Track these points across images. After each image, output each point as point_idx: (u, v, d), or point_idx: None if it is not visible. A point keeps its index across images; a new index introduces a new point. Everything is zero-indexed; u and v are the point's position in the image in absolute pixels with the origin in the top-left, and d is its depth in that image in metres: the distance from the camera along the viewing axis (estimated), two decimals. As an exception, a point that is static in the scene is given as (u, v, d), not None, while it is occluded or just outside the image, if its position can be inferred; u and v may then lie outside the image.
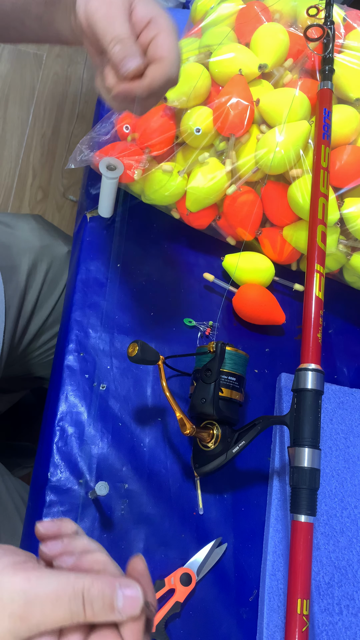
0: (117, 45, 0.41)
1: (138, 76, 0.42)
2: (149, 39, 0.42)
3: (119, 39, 0.41)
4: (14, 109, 1.68)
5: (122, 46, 0.41)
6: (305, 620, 0.41)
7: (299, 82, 0.61)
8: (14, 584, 0.28)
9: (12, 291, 0.67)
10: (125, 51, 0.41)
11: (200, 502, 0.52)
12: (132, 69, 0.41)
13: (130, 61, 0.41)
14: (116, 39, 0.41)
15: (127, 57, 0.41)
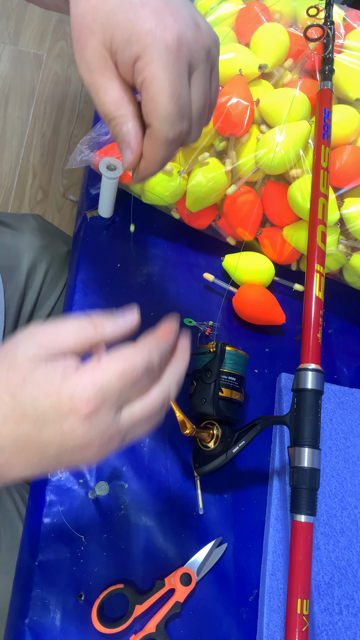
0: (109, 127, 0.36)
1: None
2: (140, 85, 0.35)
3: (109, 117, 0.36)
4: (14, 109, 1.68)
5: (111, 129, 0.36)
6: (305, 620, 0.41)
7: (299, 82, 0.61)
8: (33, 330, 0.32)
9: (11, 291, 0.67)
10: (116, 135, 0.36)
11: (200, 502, 0.52)
12: (129, 163, 0.36)
13: (123, 154, 0.36)
14: (105, 118, 0.36)
15: (120, 146, 0.36)
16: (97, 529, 0.49)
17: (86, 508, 0.50)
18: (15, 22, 1.83)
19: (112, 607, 0.47)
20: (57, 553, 0.47)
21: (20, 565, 0.48)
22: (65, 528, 0.48)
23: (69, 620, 0.45)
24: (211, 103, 0.39)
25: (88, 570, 0.47)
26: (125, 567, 0.48)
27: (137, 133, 0.35)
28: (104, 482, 0.49)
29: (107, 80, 0.35)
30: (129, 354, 0.32)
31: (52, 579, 0.46)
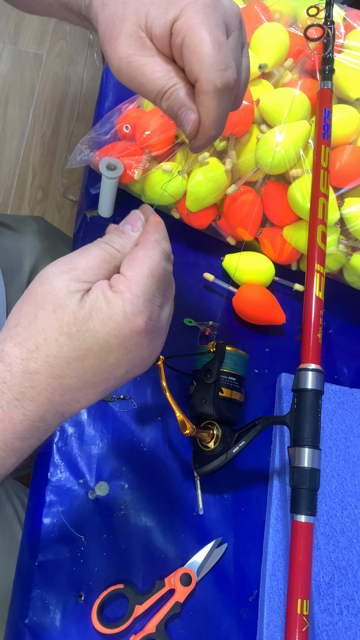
0: (163, 103, 0.36)
1: None
2: (180, 54, 0.35)
3: (163, 91, 0.35)
4: (14, 108, 1.68)
5: (167, 103, 0.36)
6: (305, 621, 0.41)
7: (299, 82, 0.61)
8: None
9: (14, 293, 0.67)
10: (174, 104, 0.35)
11: (200, 502, 0.52)
12: (191, 129, 0.36)
13: (185, 117, 0.35)
14: (158, 94, 0.36)
15: (179, 113, 0.36)
16: (97, 529, 0.49)
17: (86, 508, 0.49)
18: (15, 21, 1.83)
19: (112, 607, 0.47)
20: (57, 553, 0.47)
21: (20, 566, 0.48)
22: (65, 528, 0.48)
23: (69, 621, 0.45)
24: (244, 79, 0.38)
25: (88, 571, 0.47)
26: (125, 567, 0.48)
27: (193, 98, 0.35)
28: (104, 482, 0.49)
29: (149, 58, 0.35)
30: (145, 255, 0.33)
31: (52, 579, 0.46)
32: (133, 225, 0.35)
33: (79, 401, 0.33)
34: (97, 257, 0.33)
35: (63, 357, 0.30)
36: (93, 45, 1.86)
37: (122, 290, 0.31)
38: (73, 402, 0.32)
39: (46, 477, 0.50)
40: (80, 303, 0.31)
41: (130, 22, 0.35)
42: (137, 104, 0.64)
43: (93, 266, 0.32)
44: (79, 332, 0.30)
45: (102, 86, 0.78)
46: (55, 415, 0.32)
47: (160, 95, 0.36)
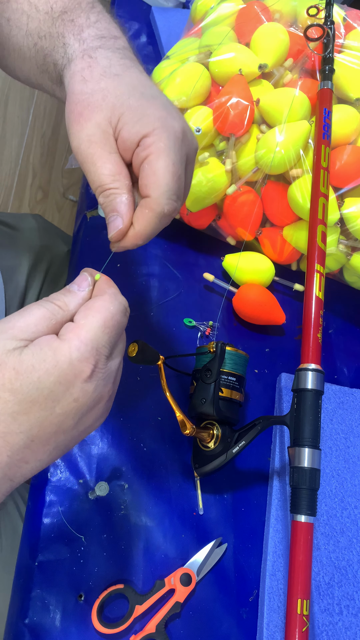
0: (101, 197, 0.37)
1: None
2: (139, 164, 0.37)
3: (104, 188, 0.37)
4: (14, 108, 1.68)
5: (104, 200, 0.37)
6: (305, 621, 0.41)
7: (299, 82, 0.61)
8: None
9: (12, 291, 0.67)
10: (109, 205, 0.37)
11: (200, 502, 0.52)
12: (114, 235, 0.38)
13: (113, 222, 0.37)
14: (99, 188, 0.37)
15: (110, 216, 0.37)
16: (97, 529, 0.49)
17: (86, 508, 0.49)
18: (15, 21, 1.83)
19: (112, 608, 0.47)
20: (57, 553, 0.47)
21: (20, 565, 0.48)
22: (65, 528, 0.48)
23: (69, 621, 0.45)
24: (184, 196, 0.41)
25: (88, 571, 0.47)
26: (125, 567, 0.48)
27: (130, 205, 0.37)
28: (104, 482, 0.49)
29: (106, 153, 0.37)
30: (102, 305, 0.33)
31: (52, 579, 0.46)
32: (79, 285, 0.36)
33: (28, 462, 0.31)
34: (35, 315, 0.32)
35: (8, 413, 0.30)
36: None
37: (70, 338, 0.31)
38: (22, 463, 0.31)
39: (46, 477, 0.50)
40: (20, 357, 0.30)
41: (104, 114, 0.36)
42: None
43: (31, 324, 0.32)
44: (22, 386, 0.30)
45: (102, 86, 0.78)
46: (2, 480, 0.31)
47: (100, 190, 0.37)
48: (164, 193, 0.36)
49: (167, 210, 0.36)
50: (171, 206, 0.36)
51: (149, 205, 0.36)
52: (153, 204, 0.36)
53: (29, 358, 0.30)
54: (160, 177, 0.36)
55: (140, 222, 0.37)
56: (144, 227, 0.37)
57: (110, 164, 0.37)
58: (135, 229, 0.37)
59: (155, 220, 0.37)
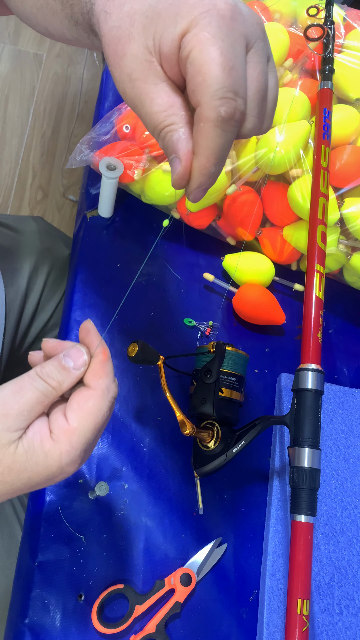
0: (160, 141, 0.32)
1: None
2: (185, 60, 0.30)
3: (158, 128, 0.31)
4: (14, 108, 1.68)
5: (162, 143, 0.32)
6: (305, 621, 0.41)
7: (299, 82, 0.61)
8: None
9: (13, 294, 0.67)
10: (166, 147, 0.31)
11: (200, 502, 0.52)
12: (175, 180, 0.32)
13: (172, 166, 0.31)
14: (154, 131, 0.31)
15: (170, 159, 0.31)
16: (97, 529, 0.49)
17: (86, 508, 0.49)
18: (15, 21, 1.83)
19: (112, 608, 0.47)
20: (57, 553, 0.47)
21: (20, 566, 0.48)
22: (65, 528, 0.48)
23: (69, 621, 0.45)
24: (272, 97, 0.33)
25: (88, 571, 0.47)
26: (125, 567, 0.48)
27: (188, 140, 0.30)
28: (104, 482, 0.49)
29: (152, 86, 0.31)
30: (94, 405, 0.33)
31: (52, 579, 0.46)
32: (75, 362, 0.34)
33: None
34: (30, 400, 0.32)
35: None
36: (93, 45, 1.86)
37: (62, 441, 0.32)
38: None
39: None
40: (15, 457, 0.31)
41: (138, 42, 0.30)
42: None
43: (24, 411, 0.32)
44: (13, 481, 0.32)
45: (102, 86, 0.78)
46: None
47: (156, 133, 0.31)
48: (215, 92, 0.28)
49: (225, 113, 0.29)
50: (229, 107, 0.29)
51: (202, 115, 0.29)
52: (206, 111, 0.29)
53: (22, 459, 0.31)
54: (206, 74, 0.28)
55: (199, 143, 0.30)
56: (206, 146, 0.30)
57: (159, 97, 0.30)
58: (198, 153, 0.30)
59: (216, 131, 0.29)
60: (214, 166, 0.31)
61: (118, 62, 0.31)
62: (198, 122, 0.29)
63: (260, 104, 0.31)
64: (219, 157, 0.30)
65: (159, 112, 0.31)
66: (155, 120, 0.31)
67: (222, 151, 0.30)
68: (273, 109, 0.34)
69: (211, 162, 0.30)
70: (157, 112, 0.31)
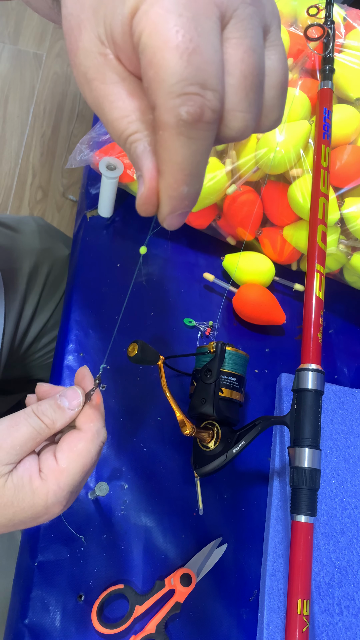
0: (125, 149, 0.25)
1: None
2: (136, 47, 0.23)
3: (122, 139, 0.25)
4: (13, 108, 1.68)
5: (129, 156, 0.25)
6: (306, 621, 0.41)
7: (299, 82, 0.61)
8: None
9: (12, 294, 0.67)
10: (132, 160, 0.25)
11: (200, 502, 0.52)
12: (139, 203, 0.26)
13: (138, 182, 0.25)
14: (119, 138, 0.25)
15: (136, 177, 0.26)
16: (97, 529, 0.49)
17: (86, 508, 0.49)
18: (15, 21, 1.83)
19: (112, 608, 0.47)
20: (57, 553, 0.47)
21: (20, 566, 0.48)
22: (65, 528, 0.48)
23: (69, 621, 0.45)
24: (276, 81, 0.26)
25: (88, 571, 0.47)
26: (125, 567, 0.48)
27: (153, 154, 0.24)
28: (104, 482, 0.49)
29: (110, 87, 0.24)
30: (84, 448, 0.34)
31: (51, 580, 0.46)
32: (70, 402, 0.35)
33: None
34: (24, 436, 0.33)
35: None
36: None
37: (50, 480, 0.32)
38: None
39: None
40: (3, 491, 0.32)
41: (89, 31, 0.24)
42: None
43: (17, 445, 0.33)
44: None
45: (102, 86, 0.78)
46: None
47: (121, 143, 0.25)
48: (172, 87, 0.21)
49: (186, 114, 0.21)
50: (192, 104, 0.21)
51: (159, 120, 0.22)
52: (162, 115, 0.22)
53: (10, 494, 0.32)
54: (158, 64, 0.21)
55: (162, 158, 0.23)
56: (169, 164, 0.23)
57: (119, 100, 0.24)
58: (162, 176, 0.24)
59: (178, 142, 0.22)
60: (186, 185, 0.23)
61: (73, 60, 0.25)
62: (157, 131, 0.22)
63: (251, 94, 0.24)
64: (190, 174, 0.23)
65: (119, 119, 0.24)
66: (117, 129, 0.24)
67: (193, 166, 0.23)
68: (279, 97, 0.26)
69: (180, 181, 0.23)
70: (118, 118, 0.24)
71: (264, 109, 0.26)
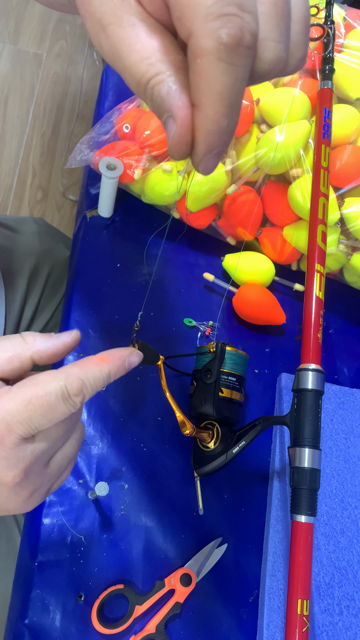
0: (147, 100, 0.23)
1: None
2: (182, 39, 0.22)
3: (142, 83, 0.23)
4: (13, 108, 1.68)
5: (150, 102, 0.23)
6: (306, 621, 0.41)
7: (299, 82, 0.61)
8: None
9: (13, 295, 0.67)
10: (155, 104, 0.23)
11: (200, 502, 0.52)
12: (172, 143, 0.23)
13: (166, 127, 0.23)
14: (139, 83, 0.23)
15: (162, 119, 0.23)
16: (97, 530, 0.49)
17: (86, 508, 0.49)
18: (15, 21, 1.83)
19: (112, 608, 0.47)
20: (57, 553, 0.47)
21: (20, 566, 0.48)
22: (65, 528, 0.48)
23: (69, 621, 0.45)
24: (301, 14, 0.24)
25: (88, 571, 0.47)
26: (125, 567, 0.48)
27: (182, 91, 0.22)
28: (104, 482, 0.49)
29: (128, 29, 0.23)
30: (42, 380, 0.29)
31: (51, 580, 0.46)
32: (61, 334, 0.32)
33: None
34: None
35: None
36: (93, 45, 1.86)
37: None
38: None
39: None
40: None
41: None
42: (137, 103, 0.64)
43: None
44: None
45: (102, 86, 0.78)
46: None
47: (141, 90, 0.23)
48: (209, 8, 0.20)
49: (227, 37, 0.20)
50: (232, 25, 0.20)
51: (196, 48, 0.21)
52: (200, 41, 0.20)
53: None
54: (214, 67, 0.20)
55: (200, 88, 0.21)
56: (209, 94, 0.21)
57: (138, 43, 0.22)
58: (200, 109, 0.22)
59: (219, 68, 0.21)
60: (226, 117, 0.22)
61: (86, 9, 0.24)
62: (194, 60, 0.21)
63: (282, 22, 0.23)
64: (230, 104, 0.22)
65: (139, 62, 0.22)
66: (136, 74, 0.23)
67: (234, 94, 0.21)
68: (304, 33, 0.25)
69: (221, 113, 0.22)
70: (137, 61, 0.22)
71: (290, 46, 0.24)
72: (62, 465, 0.33)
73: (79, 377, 0.29)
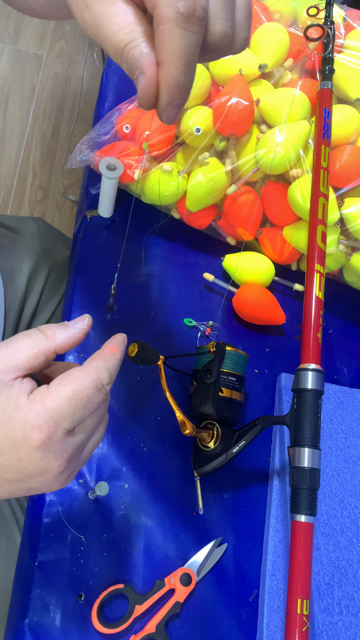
0: (123, 64, 0.29)
1: None
2: None
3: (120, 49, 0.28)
4: (14, 108, 1.68)
5: (126, 65, 0.29)
6: (305, 621, 0.41)
7: (299, 82, 0.61)
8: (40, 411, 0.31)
9: (12, 294, 0.67)
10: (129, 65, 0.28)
11: (200, 502, 0.52)
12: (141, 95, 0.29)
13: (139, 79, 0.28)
14: (117, 50, 0.28)
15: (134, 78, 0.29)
16: (97, 529, 0.49)
17: (86, 508, 0.49)
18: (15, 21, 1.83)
19: (112, 608, 0.47)
20: (57, 553, 0.47)
21: (20, 566, 0.48)
22: (65, 528, 0.48)
23: (69, 621, 0.45)
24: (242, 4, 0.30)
25: (88, 571, 0.47)
26: (125, 567, 0.48)
27: (151, 53, 0.27)
28: (104, 482, 0.49)
29: (109, 6, 0.28)
30: (77, 376, 0.32)
31: (52, 579, 0.46)
32: (75, 322, 0.34)
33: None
34: (22, 346, 0.32)
35: None
36: (93, 45, 1.86)
37: (35, 401, 0.31)
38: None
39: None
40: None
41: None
42: (137, 104, 0.64)
43: (14, 354, 0.32)
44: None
45: (102, 86, 0.78)
46: None
47: (118, 55, 0.28)
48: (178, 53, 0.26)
49: (183, 8, 0.26)
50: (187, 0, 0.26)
51: (159, 16, 0.26)
52: (162, 10, 0.26)
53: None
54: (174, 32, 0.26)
55: (162, 48, 0.27)
56: (169, 53, 0.27)
57: (117, 17, 0.28)
58: (162, 66, 0.27)
59: (177, 32, 0.26)
60: (183, 74, 0.28)
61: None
62: (158, 26, 0.26)
63: (227, 5, 0.28)
64: (186, 62, 0.27)
65: (117, 32, 0.28)
66: (115, 41, 0.28)
67: (189, 55, 0.27)
68: (246, 19, 0.30)
69: (178, 69, 0.27)
70: (116, 31, 0.28)
71: (235, 27, 0.30)
72: (92, 450, 0.36)
73: (105, 368, 0.33)
